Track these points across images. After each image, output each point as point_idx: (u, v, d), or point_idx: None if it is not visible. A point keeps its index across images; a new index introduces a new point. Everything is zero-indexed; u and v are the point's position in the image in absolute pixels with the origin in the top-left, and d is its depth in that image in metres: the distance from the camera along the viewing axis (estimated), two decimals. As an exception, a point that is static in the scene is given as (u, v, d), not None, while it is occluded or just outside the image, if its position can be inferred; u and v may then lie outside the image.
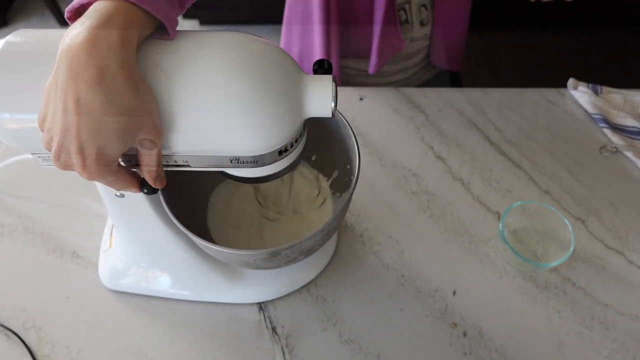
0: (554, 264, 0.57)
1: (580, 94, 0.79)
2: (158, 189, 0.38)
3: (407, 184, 0.69)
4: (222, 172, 0.42)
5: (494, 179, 0.70)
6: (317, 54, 0.81)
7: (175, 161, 0.39)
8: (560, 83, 0.84)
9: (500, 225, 0.58)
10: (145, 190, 0.38)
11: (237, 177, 0.42)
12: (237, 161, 0.38)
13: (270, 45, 0.37)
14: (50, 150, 0.33)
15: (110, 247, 0.60)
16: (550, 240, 0.61)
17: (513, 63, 1.96)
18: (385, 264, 0.62)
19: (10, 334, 0.56)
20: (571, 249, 0.57)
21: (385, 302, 0.58)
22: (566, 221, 0.58)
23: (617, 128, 0.76)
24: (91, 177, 0.34)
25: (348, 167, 0.54)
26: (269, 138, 0.36)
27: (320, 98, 0.36)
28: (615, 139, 0.74)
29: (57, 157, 0.33)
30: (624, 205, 0.67)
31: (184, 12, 0.41)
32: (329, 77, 0.37)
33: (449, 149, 0.73)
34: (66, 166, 0.34)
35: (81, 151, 0.32)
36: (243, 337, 0.56)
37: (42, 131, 0.34)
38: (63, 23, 2.13)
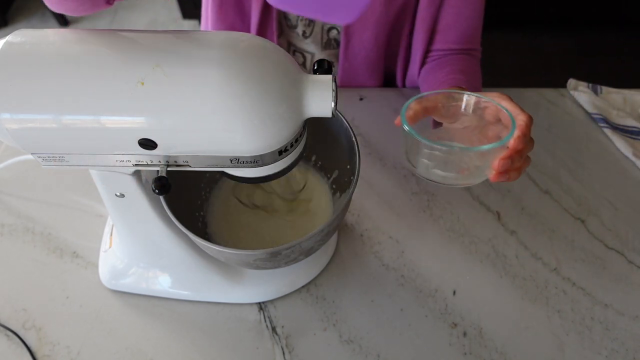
0: (485, 147, 0.42)
1: (580, 94, 0.79)
2: (169, 189, 0.38)
3: (407, 184, 0.69)
4: (222, 172, 0.42)
5: (494, 179, 0.69)
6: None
7: (175, 161, 0.39)
8: (560, 83, 0.84)
9: (403, 118, 0.46)
10: (157, 191, 0.38)
11: (237, 177, 0.42)
12: (237, 161, 0.38)
13: (270, 45, 0.37)
14: None
15: (110, 247, 0.60)
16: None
17: (513, 63, 1.96)
18: (385, 264, 0.62)
19: (10, 334, 0.56)
20: (513, 130, 0.43)
21: (385, 302, 0.58)
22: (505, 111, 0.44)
23: (617, 128, 0.76)
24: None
25: (348, 167, 0.54)
26: (269, 138, 0.36)
27: (320, 98, 0.36)
28: (615, 139, 0.74)
29: None
30: (624, 205, 0.67)
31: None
32: (329, 77, 0.37)
33: (449, 149, 0.73)
34: None
35: None
36: (243, 337, 0.56)
37: None
38: (63, 23, 2.12)
